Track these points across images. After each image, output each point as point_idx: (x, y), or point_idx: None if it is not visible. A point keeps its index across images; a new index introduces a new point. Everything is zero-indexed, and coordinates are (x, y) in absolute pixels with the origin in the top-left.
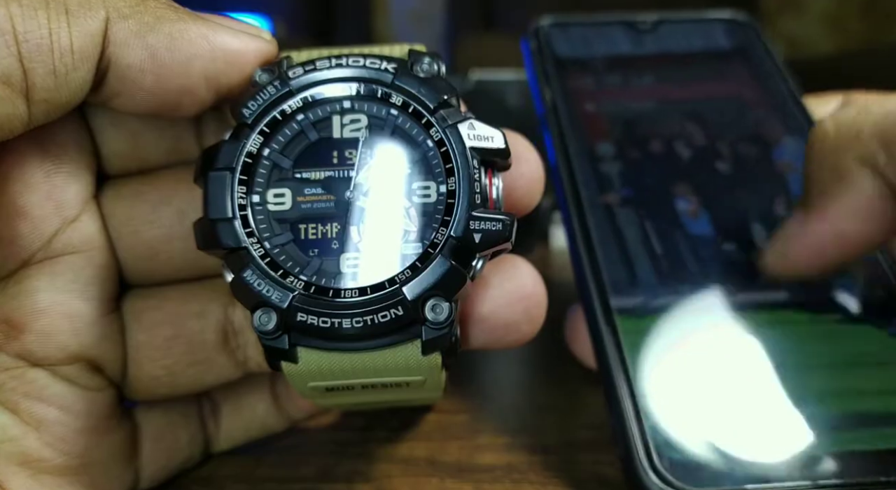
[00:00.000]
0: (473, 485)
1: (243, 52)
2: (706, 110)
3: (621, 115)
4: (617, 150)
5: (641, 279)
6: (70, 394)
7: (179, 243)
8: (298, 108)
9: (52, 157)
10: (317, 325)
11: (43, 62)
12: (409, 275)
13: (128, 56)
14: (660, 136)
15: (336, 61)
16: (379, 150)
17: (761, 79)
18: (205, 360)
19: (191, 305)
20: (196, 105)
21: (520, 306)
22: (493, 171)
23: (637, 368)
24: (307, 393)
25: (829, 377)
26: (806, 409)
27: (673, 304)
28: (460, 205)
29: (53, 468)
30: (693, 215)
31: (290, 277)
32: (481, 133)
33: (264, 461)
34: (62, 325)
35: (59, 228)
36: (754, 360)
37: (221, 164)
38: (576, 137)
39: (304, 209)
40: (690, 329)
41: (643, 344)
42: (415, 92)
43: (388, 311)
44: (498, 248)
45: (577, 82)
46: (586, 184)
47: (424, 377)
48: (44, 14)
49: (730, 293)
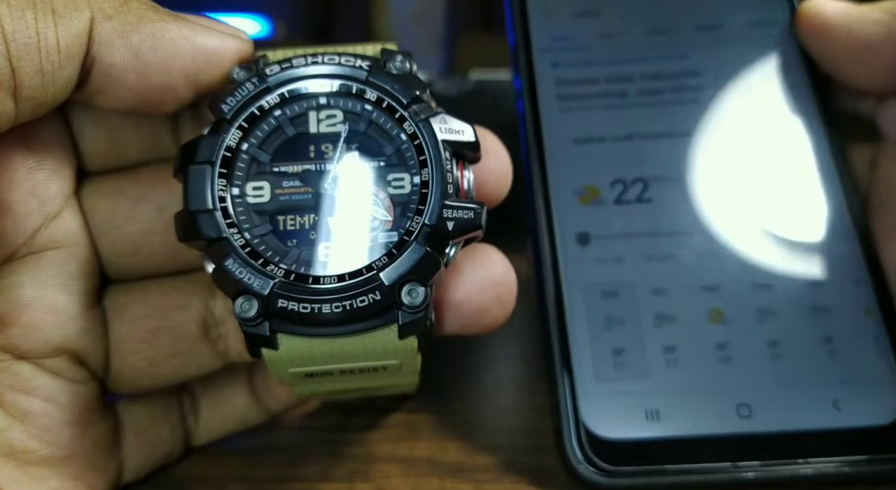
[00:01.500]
0: (473, 485)
1: (222, 50)
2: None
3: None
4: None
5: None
6: (54, 386)
7: (159, 238)
8: (276, 103)
9: (34, 155)
10: (297, 310)
11: (31, 61)
12: (385, 261)
13: (112, 55)
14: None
15: (312, 59)
16: (354, 144)
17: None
18: (186, 351)
19: (172, 298)
20: (176, 102)
21: (492, 292)
22: (465, 163)
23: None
24: (287, 379)
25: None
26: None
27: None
28: (434, 194)
29: (39, 459)
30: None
31: (270, 266)
32: (452, 127)
33: (264, 461)
34: (46, 318)
35: (42, 224)
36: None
37: (202, 158)
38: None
39: (282, 201)
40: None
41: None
42: (388, 88)
43: (366, 295)
44: (470, 236)
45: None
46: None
47: (401, 361)
48: (31, 14)
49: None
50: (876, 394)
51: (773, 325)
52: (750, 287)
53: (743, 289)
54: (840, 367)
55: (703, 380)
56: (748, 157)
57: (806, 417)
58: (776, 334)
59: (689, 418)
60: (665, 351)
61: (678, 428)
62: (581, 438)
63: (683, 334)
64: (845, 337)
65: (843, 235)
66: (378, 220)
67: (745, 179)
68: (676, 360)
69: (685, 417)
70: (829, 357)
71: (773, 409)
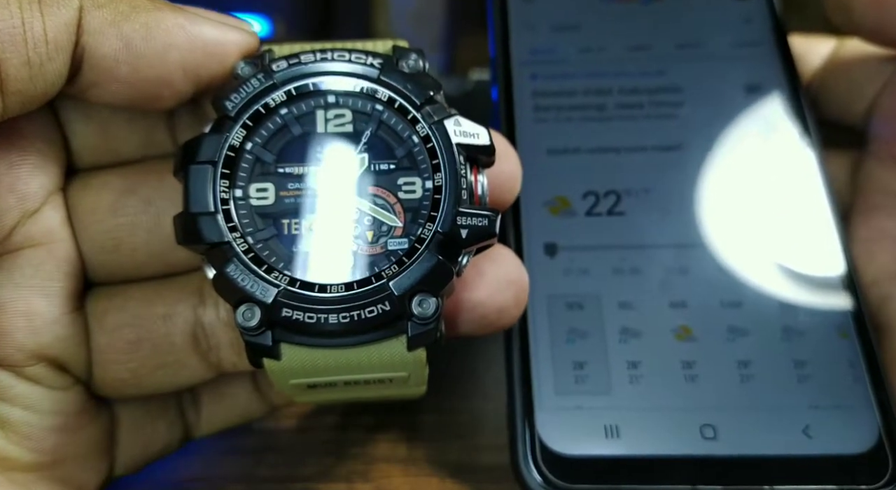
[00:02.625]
0: (473, 485)
1: (223, 42)
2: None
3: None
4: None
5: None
6: (34, 393)
7: (144, 234)
8: (282, 101)
9: (17, 149)
10: (302, 320)
11: (17, 53)
12: (395, 270)
13: (102, 45)
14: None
15: (321, 55)
16: (363, 146)
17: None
18: (174, 363)
19: (156, 307)
20: (175, 97)
21: (511, 292)
22: (478, 167)
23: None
24: (288, 390)
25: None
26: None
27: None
28: (447, 200)
29: (23, 466)
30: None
31: (274, 272)
32: (467, 129)
33: (264, 461)
34: (18, 323)
35: (19, 221)
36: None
37: (203, 158)
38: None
39: (287, 204)
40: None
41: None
42: (401, 88)
43: (374, 306)
44: (484, 244)
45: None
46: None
47: (408, 373)
48: (16, 3)
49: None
50: (850, 421)
51: (743, 344)
52: (720, 305)
53: (713, 307)
54: (812, 391)
55: (666, 398)
56: (724, 173)
57: (773, 442)
58: (746, 355)
59: (651, 437)
60: (629, 366)
61: (638, 447)
62: (536, 453)
63: (649, 350)
64: (818, 359)
65: (819, 253)
66: (387, 225)
67: (720, 196)
68: (640, 376)
69: (646, 436)
70: (801, 380)
71: (739, 431)
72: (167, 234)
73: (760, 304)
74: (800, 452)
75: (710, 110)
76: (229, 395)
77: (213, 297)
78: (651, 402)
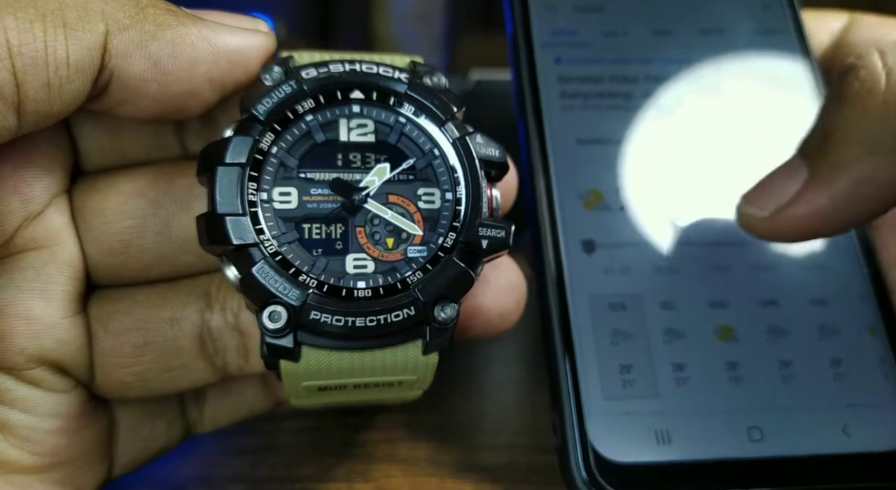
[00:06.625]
0: (473, 485)
1: (245, 49)
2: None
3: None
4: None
5: None
6: (35, 396)
7: (152, 236)
8: (310, 108)
9: (22, 152)
10: (331, 323)
11: (37, 75)
12: (420, 276)
13: (131, 67)
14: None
15: (350, 66)
16: (385, 156)
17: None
18: (180, 367)
19: (163, 311)
20: (201, 106)
21: (512, 297)
22: (491, 182)
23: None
24: (298, 392)
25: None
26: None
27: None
28: (470, 212)
29: (22, 468)
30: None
31: (301, 275)
32: (486, 146)
33: (264, 461)
34: (18, 326)
35: (22, 224)
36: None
37: (232, 159)
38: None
39: (309, 209)
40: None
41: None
42: (427, 103)
43: (401, 310)
44: (499, 255)
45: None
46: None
47: (419, 376)
48: (40, 27)
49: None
50: (885, 418)
51: (783, 344)
52: (759, 304)
53: (752, 306)
54: (848, 390)
55: (714, 400)
56: (756, 166)
57: (816, 442)
58: (786, 355)
59: (701, 441)
60: (674, 368)
61: (690, 451)
62: (588, 460)
63: (693, 352)
64: (852, 357)
65: (846, 249)
66: (407, 233)
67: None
68: (686, 378)
69: (697, 440)
70: (837, 379)
71: (784, 432)
72: (175, 236)
73: (797, 302)
74: (841, 451)
75: (740, 99)
76: (237, 393)
77: (219, 301)
78: (699, 406)
